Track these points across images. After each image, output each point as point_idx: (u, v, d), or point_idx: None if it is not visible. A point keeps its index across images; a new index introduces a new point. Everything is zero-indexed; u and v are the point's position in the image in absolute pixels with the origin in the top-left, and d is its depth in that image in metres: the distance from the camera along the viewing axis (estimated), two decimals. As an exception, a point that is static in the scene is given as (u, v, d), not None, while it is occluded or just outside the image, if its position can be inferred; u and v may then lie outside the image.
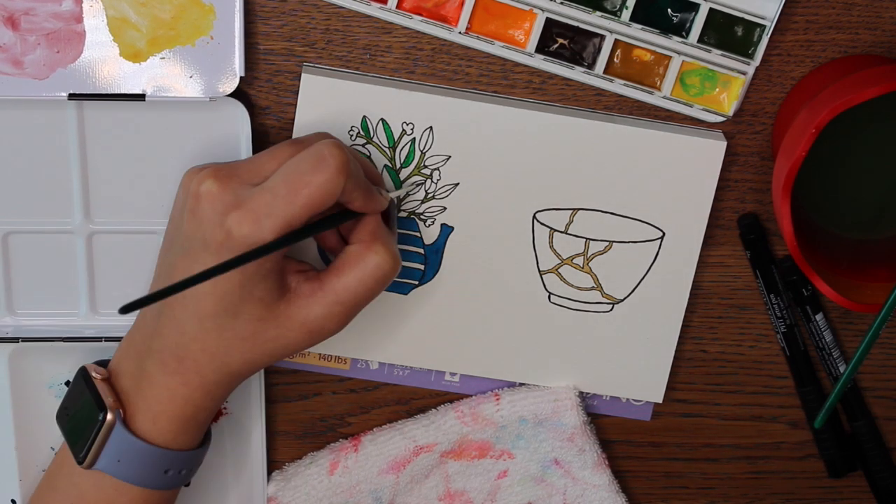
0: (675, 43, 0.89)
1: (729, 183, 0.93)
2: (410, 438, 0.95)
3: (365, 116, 0.89)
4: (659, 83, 0.90)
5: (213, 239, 0.80)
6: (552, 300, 0.93)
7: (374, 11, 0.89)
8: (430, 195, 0.91)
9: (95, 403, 0.83)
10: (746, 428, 0.98)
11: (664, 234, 0.92)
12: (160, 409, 0.83)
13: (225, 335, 0.82)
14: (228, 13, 0.87)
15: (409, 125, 0.90)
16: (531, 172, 0.91)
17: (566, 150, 0.90)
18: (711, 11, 0.88)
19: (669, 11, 0.89)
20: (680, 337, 0.94)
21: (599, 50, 0.89)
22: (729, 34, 0.89)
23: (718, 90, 0.90)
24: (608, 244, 0.92)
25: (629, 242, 0.92)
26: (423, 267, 0.92)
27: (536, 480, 0.96)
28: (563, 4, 0.88)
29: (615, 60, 0.90)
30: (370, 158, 0.90)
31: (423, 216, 0.91)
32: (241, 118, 0.88)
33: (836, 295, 0.85)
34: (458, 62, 0.90)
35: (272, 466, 0.96)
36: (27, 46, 0.86)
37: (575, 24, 0.89)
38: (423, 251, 0.92)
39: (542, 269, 0.92)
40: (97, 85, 0.87)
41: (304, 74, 0.89)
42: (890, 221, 0.92)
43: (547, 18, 0.88)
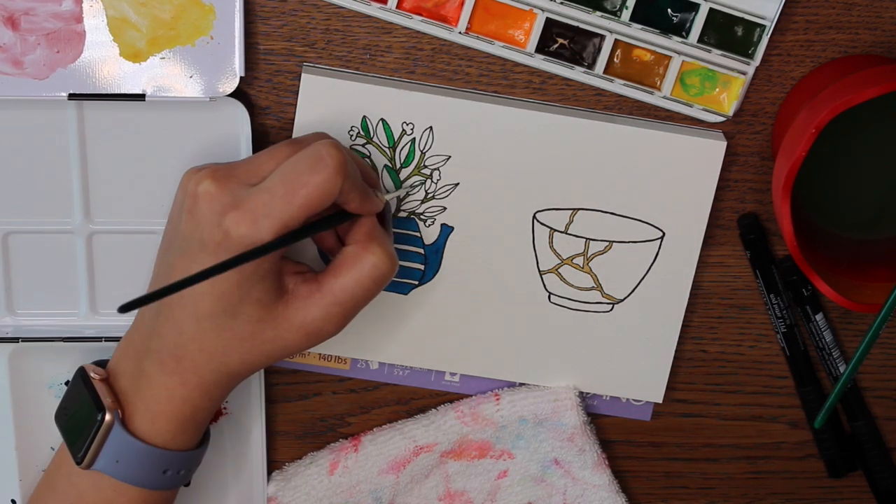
0: (675, 43, 0.89)
1: (729, 183, 0.93)
2: (410, 438, 0.95)
3: (365, 116, 0.89)
4: (659, 83, 0.90)
5: (210, 239, 0.80)
6: (552, 300, 0.93)
7: (374, 11, 0.89)
8: (430, 195, 0.91)
9: (94, 404, 0.83)
10: (746, 428, 0.98)
11: (664, 234, 0.92)
12: (158, 409, 0.83)
13: (223, 335, 0.82)
14: (228, 13, 0.87)
15: (409, 125, 0.90)
16: (531, 172, 0.90)
17: (566, 150, 0.90)
18: (711, 11, 0.88)
19: (669, 11, 0.89)
20: (680, 337, 0.94)
21: (599, 50, 0.89)
22: (729, 34, 0.89)
23: (718, 90, 0.90)
24: (608, 244, 0.92)
25: (629, 242, 0.92)
26: (423, 267, 0.92)
27: (536, 480, 0.96)
28: (563, 4, 0.88)
29: (615, 60, 0.90)
30: (370, 158, 0.90)
31: (423, 216, 0.91)
32: (241, 118, 0.88)
33: (836, 295, 0.85)
34: (458, 62, 0.90)
35: (272, 466, 0.96)
36: (27, 46, 0.86)
37: (575, 24, 0.89)
38: (423, 251, 0.92)
39: (542, 269, 0.92)
40: (97, 85, 0.87)
41: (304, 74, 0.89)
42: (890, 221, 0.92)
43: (547, 18, 0.88)
